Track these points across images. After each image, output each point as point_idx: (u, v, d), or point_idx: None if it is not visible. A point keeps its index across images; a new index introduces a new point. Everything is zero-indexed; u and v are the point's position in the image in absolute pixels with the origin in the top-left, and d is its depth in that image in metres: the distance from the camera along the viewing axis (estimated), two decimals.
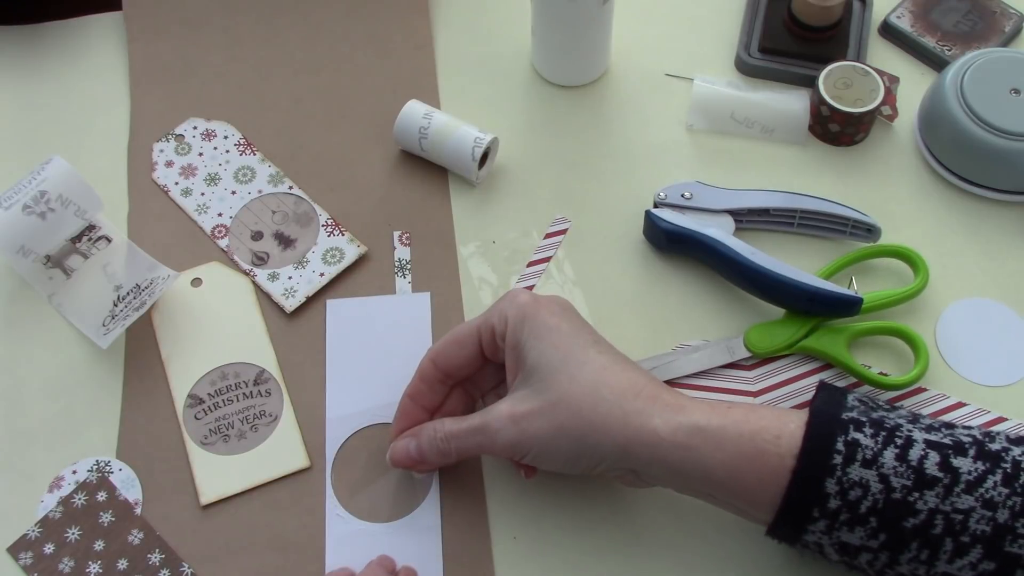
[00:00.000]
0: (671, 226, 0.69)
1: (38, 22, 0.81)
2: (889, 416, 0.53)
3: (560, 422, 0.55)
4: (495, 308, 0.59)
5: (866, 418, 0.53)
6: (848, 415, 0.53)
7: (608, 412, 0.54)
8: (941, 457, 0.51)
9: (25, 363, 0.67)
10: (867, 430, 0.52)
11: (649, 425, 0.54)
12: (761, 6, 0.80)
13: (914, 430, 0.52)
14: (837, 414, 0.53)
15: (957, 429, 0.54)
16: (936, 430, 0.53)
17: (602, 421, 0.54)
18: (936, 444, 0.52)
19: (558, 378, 0.55)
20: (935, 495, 0.50)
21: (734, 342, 0.66)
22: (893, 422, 0.53)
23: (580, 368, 0.55)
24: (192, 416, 0.65)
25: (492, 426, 0.56)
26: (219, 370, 0.66)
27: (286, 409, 0.65)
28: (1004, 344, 0.67)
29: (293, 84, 0.78)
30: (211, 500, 0.62)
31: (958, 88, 0.72)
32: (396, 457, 0.60)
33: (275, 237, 0.71)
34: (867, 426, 0.52)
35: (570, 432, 0.55)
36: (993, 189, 0.72)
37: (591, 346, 0.57)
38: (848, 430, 0.52)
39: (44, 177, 0.67)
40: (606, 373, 0.56)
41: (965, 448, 0.51)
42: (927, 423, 0.54)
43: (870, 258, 0.69)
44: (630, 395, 0.55)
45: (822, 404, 0.54)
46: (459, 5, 0.82)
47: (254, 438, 0.64)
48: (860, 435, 0.52)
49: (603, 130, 0.76)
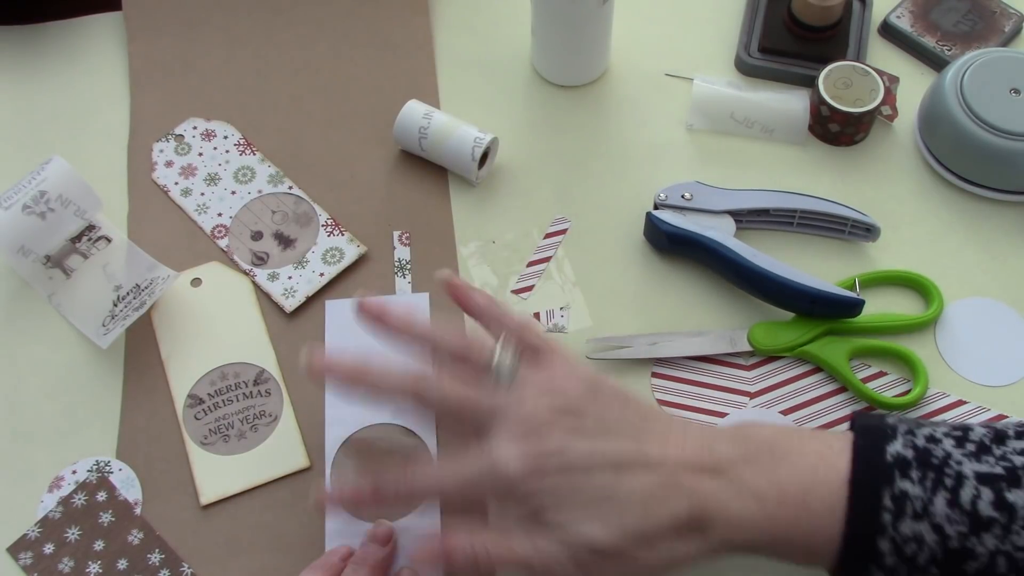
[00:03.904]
0: (672, 228, 0.69)
1: (38, 22, 0.81)
2: (935, 445, 0.51)
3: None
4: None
5: (911, 452, 0.50)
6: (893, 452, 0.50)
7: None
8: (995, 494, 0.49)
9: (25, 363, 0.67)
10: (914, 473, 0.49)
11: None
12: (761, 6, 0.80)
13: (964, 462, 0.50)
14: (880, 460, 0.50)
15: (1009, 444, 0.51)
16: (987, 452, 0.50)
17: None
18: (988, 478, 0.49)
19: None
20: (993, 536, 0.48)
21: (737, 334, 0.66)
22: (941, 454, 0.50)
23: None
24: (192, 416, 0.65)
25: (558, 564, 0.51)
26: (219, 370, 0.66)
27: (286, 409, 0.65)
28: (1004, 344, 0.67)
29: (293, 84, 0.78)
30: (211, 500, 0.62)
31: (958, 88, 0.72)
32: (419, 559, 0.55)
33: (275, 237, 0.71)
34: (914, 468, 0.50)
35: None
36: (993, 189, 0.72)
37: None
38: (894, 479, 0.49)
39: (44, 177, 0.67)
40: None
41: (1019, 476, 0.49)
42: (976, 442, 0.51)
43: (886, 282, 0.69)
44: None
45: (864, 448, 0.51)
46: (459, 5, 0.82)
47: (254, 438, 0.64)
48: (907, 484, 0.49)
49: (603, 130, 0.76)
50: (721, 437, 0.53)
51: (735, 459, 0.52)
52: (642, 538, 0.50)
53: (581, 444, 0.52)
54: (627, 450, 0.52)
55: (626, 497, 0.51)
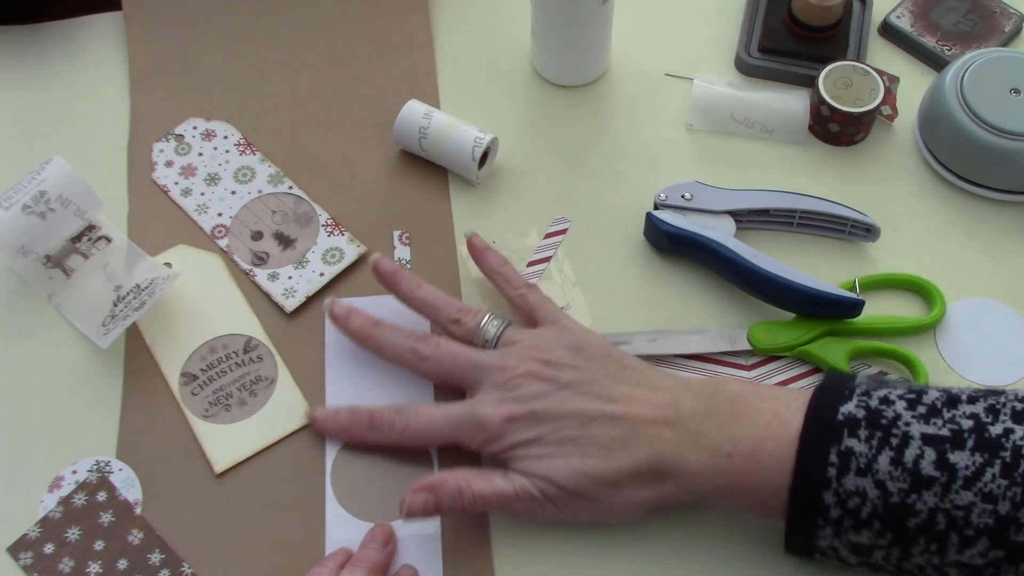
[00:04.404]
0: (672, 228, 0.69)
1: (38, 22, 0.81)
2: (888, 406, 0.53)
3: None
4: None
5: (863, 412, 0.53)
6: (845, 411, 0.53)
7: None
8: (937, 454, 0.51)
9: (25, 363, 0.67)
10: (862, 432, 0.52)
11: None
12: (761, 6, 0.80)
13: (912, 423, 0.52)
14: (832, 418, 0.53)
15: (960, 408, 0.53)
16: (936, 415, 0.53)
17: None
18: (933, 439, 0.52)
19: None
20: (933, 494, 0.51)
21: (737, 333, 0.66)
22: (891, 414, 0.53)
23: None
24: (189, 393, 0.65)
25: (531, 497, 0.58)
26: (206, 345, 0.67)
27: (281, 371, 0.66)
28: (1005, 344, 0.67)
29: (293, 84, 0.78)
30: (224, 467, 0.63)
31: (958, 88, 0.72)
32: (413, 511, 0.58)
33: (275, 237, 0.71)
34: (862, 427, 0.53)
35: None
36: (993, 189, 0.72)
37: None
38: (842, 437, 0.52)
39: (44, 177, 0.67)
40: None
41: (964, 439, 0.52)
42: (928, 405, 0.53)
43: (888, 285, 0.69)
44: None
45: (818, 408, 0.54)
46: (459, 5, 0.82)
47: (255, 403, 0.65)
48: (854, 441, 0.52)
49: (603, 130, 0.76)
50: (688, 392, 0.58)
51: (697, 413, 0.57)
52: (604, 480, 0.57)
53: (552, 398, 0.59)
54: (594, 406, 0.58)
55: (589, 444, 0.57)
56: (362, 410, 0.62)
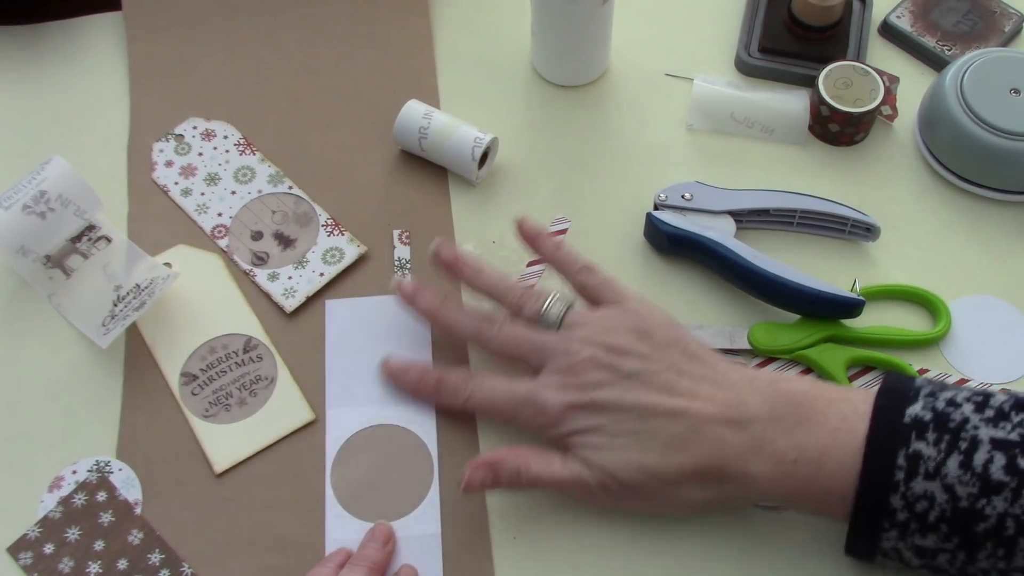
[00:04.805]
0: (673, 229, 0.69)
1: (38, 22, 0.81)
2: (955, 408, 0.52)
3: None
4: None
5: (930, 414, 0.52)
6: (912, 413, 0.52)
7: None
8: (1007, 459, 0.51)
9: (25, 363, 0.67)
10: (930, 435, 0.52)
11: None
12: (761, 6, 0.80)
13: (981, 426, 0.52)
14: (899, 421, 0.52)
15: None
16: (1005, 419, 0.52)
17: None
18: (1002, 443, 0.51)
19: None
20: (1003, 499, 0.50)
21: (737, 331, 0.66)
22: (959, 418, 0.52)
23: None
24: (189, 393, 0.65)
25: (587, 486, 0.58)
26: (206, 345, 0.67)
27: (281, 371, 0.66)
28: (1006, 340, 0.67)
29: (293, 84, 0.78)
30: (224, 467, 0.63)
31: (958, 88, 0.72)
32: (472, 486, 0.59)
33: (275, 237, 0.71)
34: (930, 430, 0.52)
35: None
36: (993, 189, 0.72)
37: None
38: (910, 440, 0.52)
39: (44, 177, 0.67)
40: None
41: None
42: (996, 408, 0.52)
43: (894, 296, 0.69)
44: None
45: (884, 410, 0.53)
46: (459, 5, 0.82)
47: (255, 403, 0.65)
48: (922, 444, 0.51)
49: (603, 130, 0.76)
50: (754, 390, 0.57)
51: (762, 415, 0.55)
52: (661, 477, 0.56)
53: (614, 388, 0.58)
54: (656, 400, 0.57)
55: (649, 439, 0.56)
56: (432, 371, 0.63)
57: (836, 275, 0.69)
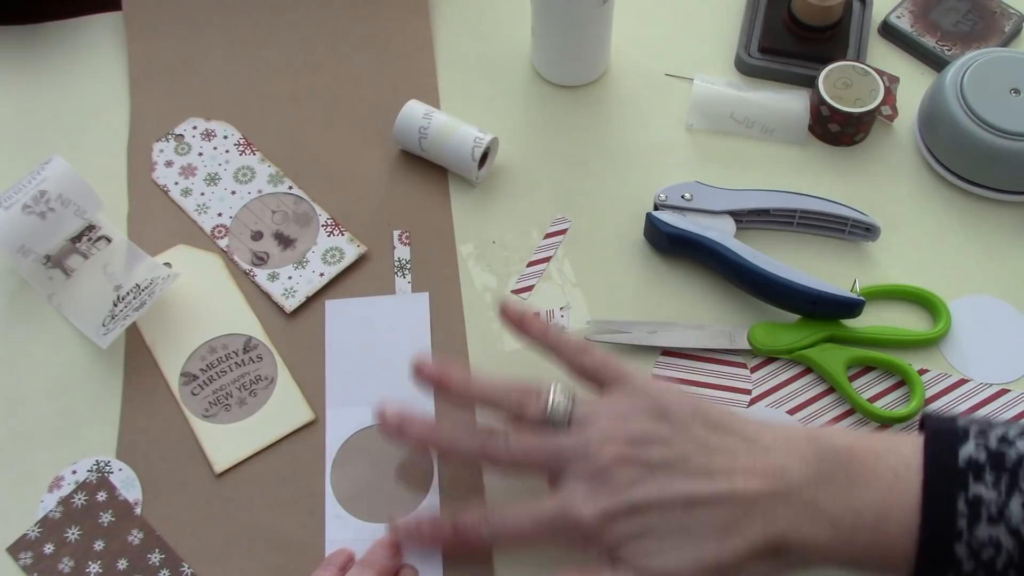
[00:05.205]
0: (673, 229, 0.69)
1: (38, 22, 0.81)
2: (1009, 446, 0.50)
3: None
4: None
5: (984, 454, 0.50)
6: (965, 455, 0.50)
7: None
8: None
9: (25, 363, 0.67)
10: (988, 476, 0.49)
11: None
12: (761, 6, 0.80)
13: None
14: (953, 464, 0.50)
15: None
16: None
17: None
18: None
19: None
20: None
21: (737, 331, 0.67)
22: (1015, 455, 0.50)
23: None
24: (189, 392, 0.65)
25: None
26: (206, 345, 0.67)
27: (281, 371, 0.66)
28: (1005, 341, 0.67)
29: (293, 84, 0.78)
30: (224, 467, 0.63)
31: (958, 88, 0.72)
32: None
33: (275, 237, 0.71)
34: (987, 471, 0.49)
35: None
36: (993, 189, 0.72)
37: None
38: (968, 484, 0.49)
39: (44, 177, 0.67)
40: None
41: None
42: None
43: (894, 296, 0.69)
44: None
45: (936, 453, 0.51)
46: (459, 5, 0.82)
47: (255, 403, 0.65)
48: (981, 487, 0.49)
49: (603, 130, 0.76)
50: (794, 453, 0.53)
51: (809, 481, 0.52)
52: (723, 567, 0.52)
53: (648, 484, 0.53)
54: (697, 487, 0.53)
55: (700, 530, 0.52)
56: (444, 519, 0.57)
57: (836, 275, 0.69)
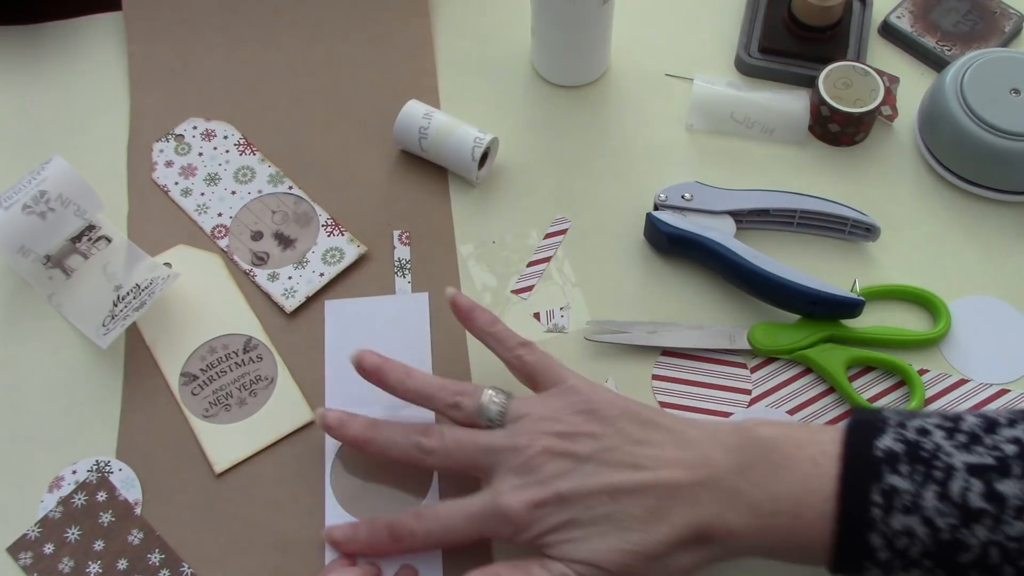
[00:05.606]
0: (673, 229, 0.69)
1: (38, 22, 0.81)
2: (925, 437, 0.51)
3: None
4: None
5: (901, 446, 0.51)
6: (882, 446, 0.51)
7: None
8: (985, 486, 0.49)
9: (25, 363, 0.67)
10: (903, 467, 0.50)
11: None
12: (761, 6, 0.80)
13: (954, 453, 0.50)
14: (869, 455, 0.51)
15: (1000, 432, 0.51)
16: (978, 442, 0.50)
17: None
18: (978, 469, 0.50)
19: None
20: (984, 527, 0.49)
21: (737, 331, 0.67)
22: (930, 446, 0.51)
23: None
24: (189, 393, 0.65)
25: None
26: (206, 345, 0.67)
27: (281, 371, 0.66)
28: (1005, 341, 0.67)
29: (293, 84, 0.78)
30: (224, 467, 0.63)
31: (958, 88, 0.72)
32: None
33: (275, 237, 0.71)
34: (903, 462, 0.50)
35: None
36: (993, 189, 0.72)
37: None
38: (882, 475, 0.50)
39: (44, 177, 0.67)
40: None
41: (1009, 466, 0.49)
42: (967, 432, 0.51)
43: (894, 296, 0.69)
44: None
45: (853, 445, 0.52)
46: (459, 5, 0.82)
47: (255, 403, 0.65)
48: (896, 478, 0.50)
49: (603, 130, 0.76)
50: (719, 444, 0.54)
51: (731, 469, 0.53)
52: (647, 555, 0.53)
53: (575, 475, 0.54)
54: (622, 477, 0.54)
55: (625, 519, 0.53)
56: (378, 522, 0.58)
57: (836, 275, 0.69)
